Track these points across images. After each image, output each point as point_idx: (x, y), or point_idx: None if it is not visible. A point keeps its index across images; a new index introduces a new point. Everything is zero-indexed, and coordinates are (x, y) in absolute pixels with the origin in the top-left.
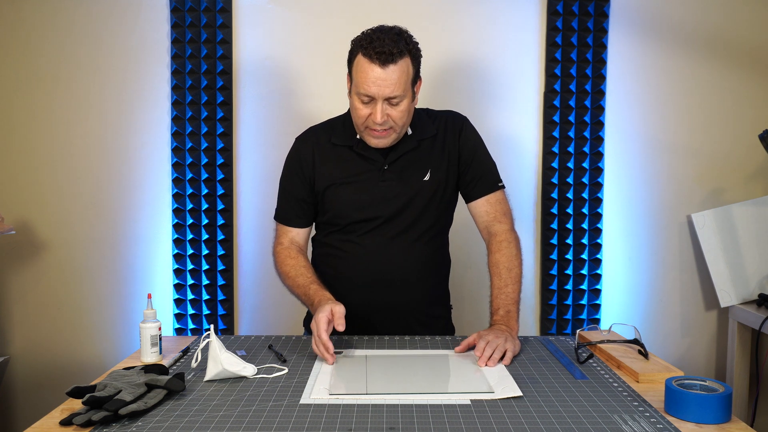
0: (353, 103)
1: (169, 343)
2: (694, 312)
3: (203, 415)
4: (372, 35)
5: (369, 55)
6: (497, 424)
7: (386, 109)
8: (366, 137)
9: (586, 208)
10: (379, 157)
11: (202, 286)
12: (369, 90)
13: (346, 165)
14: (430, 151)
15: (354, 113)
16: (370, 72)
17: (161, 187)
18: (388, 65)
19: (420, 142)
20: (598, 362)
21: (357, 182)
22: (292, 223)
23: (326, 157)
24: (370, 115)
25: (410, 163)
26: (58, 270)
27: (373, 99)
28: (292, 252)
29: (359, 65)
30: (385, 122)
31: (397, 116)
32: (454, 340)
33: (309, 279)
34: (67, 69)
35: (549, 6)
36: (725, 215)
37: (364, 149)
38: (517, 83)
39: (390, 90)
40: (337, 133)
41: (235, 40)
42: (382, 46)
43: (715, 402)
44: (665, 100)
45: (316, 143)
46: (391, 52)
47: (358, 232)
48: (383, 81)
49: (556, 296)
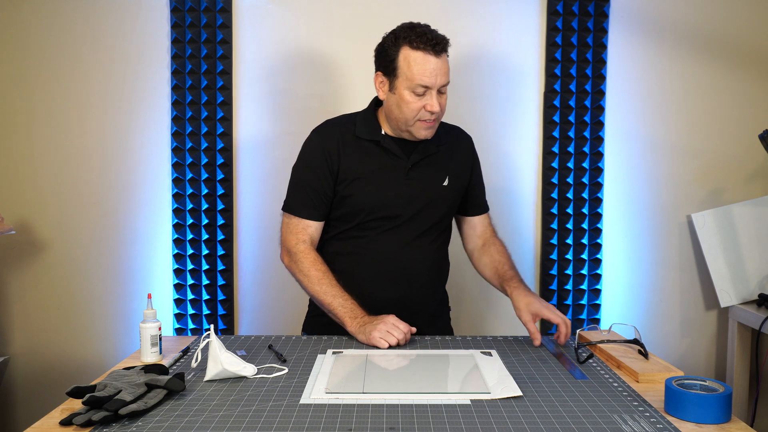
0: (404, 98)
1: (169, 343)
2: (694, 312)
3: (203, 415)
4: (415, 29)
5: (422, 47)
6: (497, 424)
7: (439, 99)
8: (416, 130)
9: (586, 208)
10: (403, 155)
11: (202, 286)
12: (428, 80)
13: (371, 160)
14: (448, 158)
15: (406, 108)
16: (427, 63)
17: (161, 187)
18: (441, 54)
19: (438, 147)
20: (598, 362)
21: (382, 178)
22: (311, 216)
23: (351, 149)
24: (422, 107)
25: (431, 166)
26: (58, 270)
27: (428, 89)
28: (319, 257)
29: (411, 58)
30: (437, 112)
31: (444, 105)
32: (453, 340)
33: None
34: (67, 69)
35: (549, 6)
36: (725, 215)
37: (390, 145)
38: (517, 83)
39: (444, 78)
40: (359, 128)
41: (235, 40)
42: (434, 36)
43: (715, 402)
44: (665, 100)
45: (340, 135)
46: (442, 41)
47: (378, 229)
48: (439, 69)
49: (556, 296)
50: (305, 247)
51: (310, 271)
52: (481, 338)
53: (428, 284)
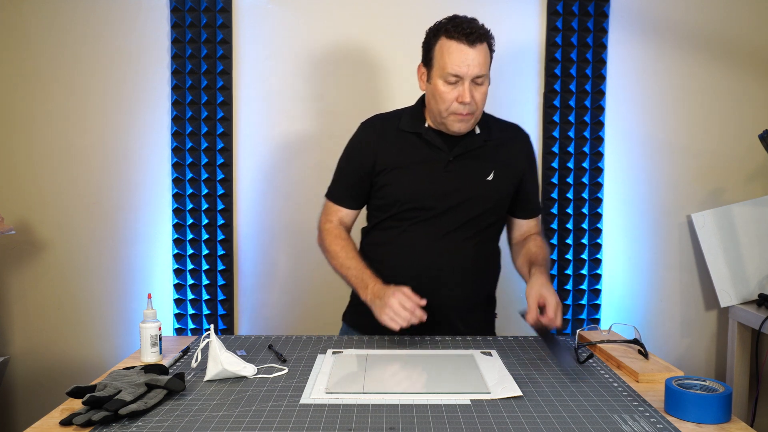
0: (437, 88)
1: (169, 343)
2: (694, 312)
3: (203, 415)
4: (454, 20)
5: (456, 37)
6: (497, 424)
7: (473, 90)
8: (449, 123)
9: (586, 208)
10: (446, 148)
11: (202, 286)
12: (459, 69)
13: (411, 151)
14: (496, 153)
15: (439, 98)
16: (459, 52)
17: (161, 187)
18: (476, 44)
19: (486, 141)
20: (598, 362)
21: (419, 169)
22: (343, 204)
23: (390, 141)
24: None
25: (474, 161)
26: (58, 270)
27: (460, 80)
28: (342, 233)
29: (445, 47)
30: (470, 105)
31: (479, 98)
32: (453, 341)
33: (362, 264)
34: (67, 69)
35: (549, 6)
36: (725, 215)
37: (432, 137)
38: (517, 83)
39: (478, 69)
40: (404, 121)
41: (235, 40)
42: (470, 27)
43: (715, 402)
44: (665, 100)
45: (381, 127)
46: (478, 32)
47: (411, 220)
48: (472, 60)
49: None
50: (331, 225)
51: (330, 245)
52: (481, 338)
53: (459, 280)
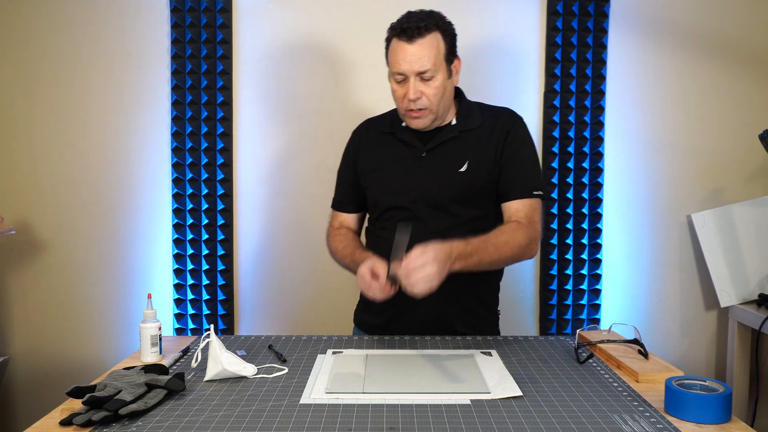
0: (391, 88)
1: (169, 343)
2: (694, 312)
3: (203, 415)
4: (402, 17)
5: (396, 34)
6: (497, 424)
7: (419, 86)
8: (407, 120)
9: (586, 208)
10: (419, 144)
11: (202, 286)
12: (400, 67)
13: (386, 151)
14: (472, 143)
15: (394, 97)
16: (399, 50)
17: (161, 187)
18: (415, 39)
19: (461, 132)
20: (598, 362)
21: (393, 168)
22: (343, 209)
23: (371, 144)
24: (404, 96)
25: (448, 153)
26: (58, 270)
27: (406, 77)
28: (342, 230)
29: (391, 47)
30: (420, 100)
31: (431, 93)
32: (453, 340)
33: (355, 248)
34: (67, 69)
35: (549, 6)
36: (725, 215)
37: (406, 135)
38: (517, 83)
39: (419, 64)
40: (387, 122)
41: (235, 40)
42: (409, 22)
43: (715, 402)
44: (665, 100)
45: (364, 132)
46: (418, 26)
47: (394, 219)
48: (412, 56)
49: (556, 296)
50: (331, 230)
51: (332, 244)
52: (481, 338)
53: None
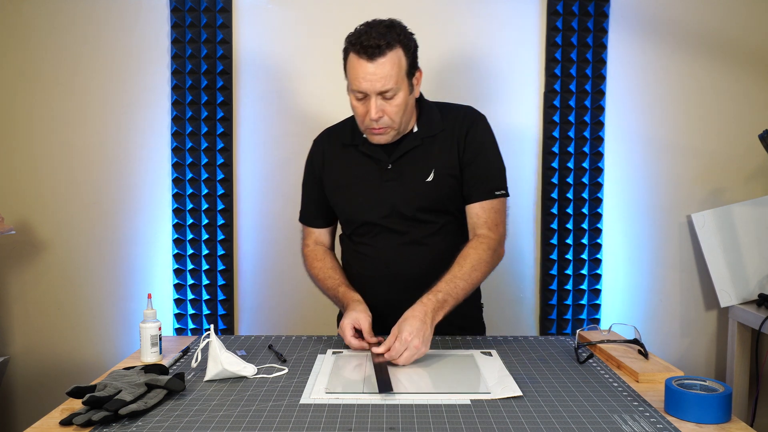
0: (351, 102)
1: (169, 343)
2: (694, 312)
3: (203, 415)
4: (361, 30)
5: (357, 51)
6: (497, 424)
7: (381, 105)
8: (369, 136)
9: (586, 208)
10: (384, 156)
11: (202, 286)
12: (361, 86)
13: (351, 166)
14: (435, 149)
15: (354, 113)
16: (360, 68)
17: (161, 187)
18: (377, 59)
19: (424, 140)
20: (598, 362)
21: (360, 184)
22: (312, 224)
23: (333, 158)
24: (365, 114)
25: (414, 163)
26: (58, 270)
27: (367, 95)
28: (318, 253)
29: (350, 62)
30: (382, 119)
31: (392, 111)
32: (453, 340)
33: (337, 281)
34: (67, 69)
35: (549, 6)
36: (725, 215)
37: (368, 149)
38: (517, 83)
39: (381, 84)
40: (347, 133)
41: (235, 40)
42: (369, 39)
43: (715, 402)
44: (665, 100)
45: (327, 144)
46: (379, 44)
47: (370, 234)
48: (373, 75)
49: (556, 296)
50: (308, 249)
51: (311, 270)
52: (481, 338)
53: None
